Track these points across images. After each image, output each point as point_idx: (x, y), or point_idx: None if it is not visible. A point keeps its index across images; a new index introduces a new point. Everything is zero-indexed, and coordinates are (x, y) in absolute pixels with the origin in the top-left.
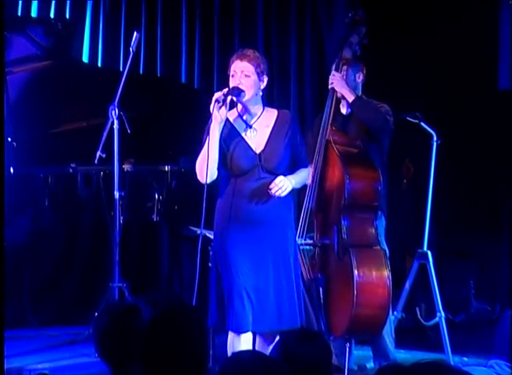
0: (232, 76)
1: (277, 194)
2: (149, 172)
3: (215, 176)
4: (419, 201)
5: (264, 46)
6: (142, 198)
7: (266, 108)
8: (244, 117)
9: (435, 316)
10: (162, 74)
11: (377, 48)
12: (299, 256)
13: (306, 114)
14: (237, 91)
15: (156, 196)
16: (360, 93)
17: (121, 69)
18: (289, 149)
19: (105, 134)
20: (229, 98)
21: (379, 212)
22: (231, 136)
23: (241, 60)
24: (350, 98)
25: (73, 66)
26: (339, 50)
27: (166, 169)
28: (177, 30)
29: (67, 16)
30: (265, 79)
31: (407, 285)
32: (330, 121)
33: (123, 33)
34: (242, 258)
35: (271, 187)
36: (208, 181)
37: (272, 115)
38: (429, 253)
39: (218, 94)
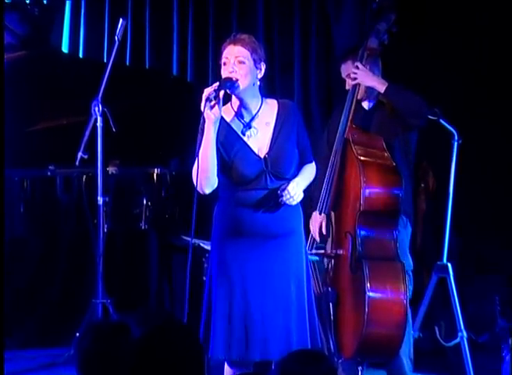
0: (224, 64)
1: (288, 202)
2: (136, 175)
3: (215, 185)
4: (438, 208)
5: (265, 35)
6: (128, 203)
7: (265, 99)
8: (243, 116)
9: (456, 336)
10: (151, 66)
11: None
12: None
13: (312, 110)
14: (230, 83)
15: (144, 202)
16: None
17: (105, 61)
18: (297, 146)
19: (88, 133)
20: (222, 92)
21: (405, 219)
22: (230, 140)
23: (234, 44)
24: (382, 88)
25: (52, 57)
26: (364, 39)
27: (155, 171)
28: (168, 17)
29: (44, 1)
30: (263, 67)
31: (425, 301)
32: (351, 118)
33: (108, 20)
34: (247, 277)
35: (282, 194)
36: (209, 191)
37: (272, 108)
38: (449, 266)
39: (208, 91)
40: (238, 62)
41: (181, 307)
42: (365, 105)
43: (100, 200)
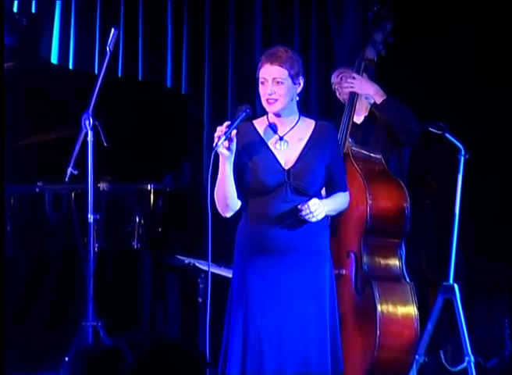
0: (262, 83)
1: (307, 217)
2: (129, 191)
3: (236, 208)
4: (444, 226)
5: (263, 42)
6: (120, 221)
7: (302, 117)
8: (277, 129)
9: (462, 361)
10: (144, 78)
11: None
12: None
13: (312, 110)
14: (242, 115)
15: (137, 220)
16: None
17: (96, 72)
18: (326, 168)
19: (78, 148)
20: (235, 132)
21: None
22: (257, 147)
23: (271, 64)
24: (380, 99)
25: (41, 69)
26: (361, 49)
27: (148, 188)
28: (161, 26)
29: (33, 11)
30: (301, 81)
31: (431, 324)
32: (349, 132)
33: (99, 29)
34: (264, 294)
35: (302, 208)
36: (230, 214)
37: (308, 126)
38: (456, 286)
39: (220, 130)
40: (276, 82)
41: (175, 329)
42: (355, 118)
43: (90, 218)
